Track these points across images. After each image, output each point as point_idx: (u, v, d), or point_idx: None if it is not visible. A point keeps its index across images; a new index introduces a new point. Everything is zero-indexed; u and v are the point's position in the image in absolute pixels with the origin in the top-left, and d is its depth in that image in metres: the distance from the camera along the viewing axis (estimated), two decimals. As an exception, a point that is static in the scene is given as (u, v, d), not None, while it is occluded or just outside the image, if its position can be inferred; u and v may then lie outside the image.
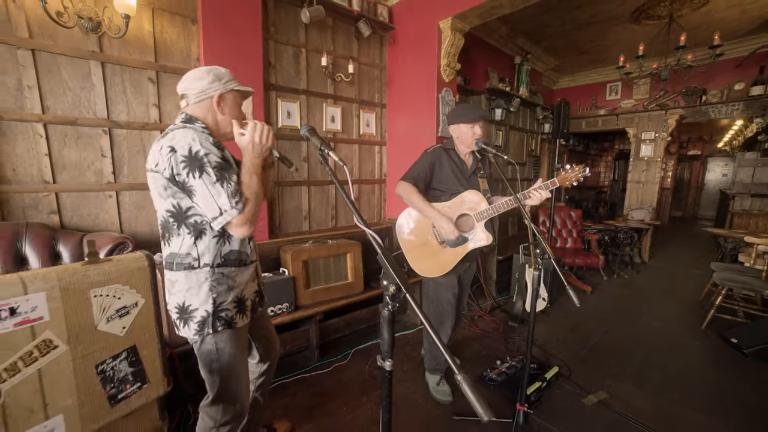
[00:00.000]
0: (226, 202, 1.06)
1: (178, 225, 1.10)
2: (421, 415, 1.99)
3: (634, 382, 2.30)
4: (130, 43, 2.04)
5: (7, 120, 1.74)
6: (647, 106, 5.01)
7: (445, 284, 1.98)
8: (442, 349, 0.74)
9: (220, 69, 1.20)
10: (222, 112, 1.19)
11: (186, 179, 1.04)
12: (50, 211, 1.89)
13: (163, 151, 1.05)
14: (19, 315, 0.55)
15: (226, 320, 1.16)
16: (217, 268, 1.14)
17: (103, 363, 0.67)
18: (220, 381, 1.19)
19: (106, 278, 0.66)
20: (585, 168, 1.75)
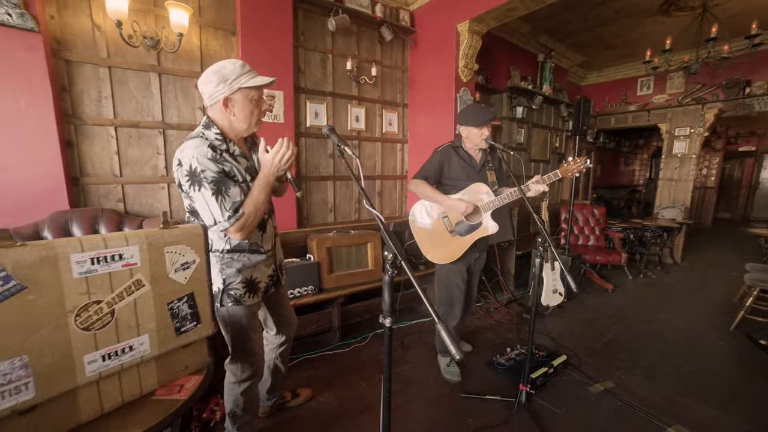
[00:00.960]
0: (219, 215, 1.16)
1: (194, 219, 1.27)
2: (431, 393, 2.15)
3: (644, 375, 2.33)
4: (181, 56, 2.36)
5: (89, 125, 2.11)
6: (682, 100, 4.82)
7: (455, 271, 2.13)
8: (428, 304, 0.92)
9: (227, 67, 1.20)
10: (232, 113, 1.23)
11: (188, 191, 1.17)
12: (118, 199, 2.25)
13: (175, 161, 1.19)
14: (124, 259, 0.80)
15: (234, 297, 1.32)
16: (227, 253, 1.29)
17: (172, 302, 0.91)
18: (235, 346, 1.42)
19: (175, 239, 0.90)
20: (586, 160, 1.85)
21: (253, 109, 1.25)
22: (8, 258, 0.64)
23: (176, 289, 0.91)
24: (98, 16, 2.06)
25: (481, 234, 2.04)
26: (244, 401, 1.48)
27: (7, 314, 0.64)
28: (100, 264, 0.75)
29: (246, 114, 1.24)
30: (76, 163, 2.10)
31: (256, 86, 1.23)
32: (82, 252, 0.72)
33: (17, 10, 1.74)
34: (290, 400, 1.96)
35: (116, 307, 0.79)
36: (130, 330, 0.83)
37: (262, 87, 1.26)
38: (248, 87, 1.21)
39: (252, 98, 1.24)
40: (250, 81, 1.21)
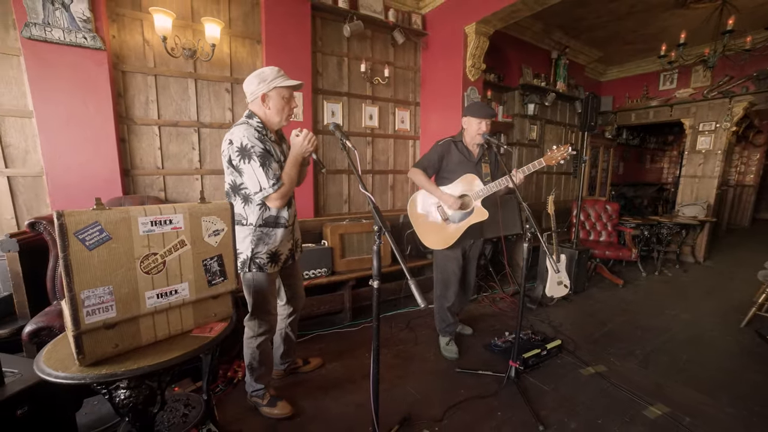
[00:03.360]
0: (265, 183, 1.46)
1: (234, 194, 1.56)
2: (430, 368, 2.36)
3: (639, 363, 2.41)
4: (213, 63, 2.69)
5: (138, 125, 2.49)
6: (707, 94, 4.68)
7: (450, 256, 2.33)
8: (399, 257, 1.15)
9: (266, 71, 1.52)
10: (267, 107, 1.54)
11: (238, 164, 1.46)
12: (159, 189, 2.62)
13: (225, 142, 1.48)
14: (172, 224, 1.08)
15: (258, 265, 1.61)
16: (258, 227, 1.57)
17: (206, 260, 1.19)
18: (255, 303, 1.71)
19: (209, 211, 1.17)
20: (569, 147, 2.03)
21: (284, 105, 1.56)
22: (102, 217, 0.93)
23: (209, 250, 1.19)
24: (148, 32, 2.43)
25: (472, 221, 2.23)
26: (260, 354, 1.77)
27: (101, 256, 0.93)
28: (156, 226, 1.04)
29: (278, 108, 1.55)
30: (127, 158, 2.48)
31: (288, 86, 1.54)
32: (145, 216, 1.01)
33: (91, 33, 2.12)
34: (302, 366, 2.21)
35: (167, 259, 1.08)
36: (175, 278, 1.11)
37: (292, 87, 1.57)
38: (281, 86, 1.52)
39: (284, 96, 1.55)
40: (284, 82, 1.52)
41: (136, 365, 0.99)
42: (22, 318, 1.81)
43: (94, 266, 0.92)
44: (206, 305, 1.24)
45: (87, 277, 0.91)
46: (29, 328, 1.56)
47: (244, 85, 1.56)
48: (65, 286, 0.88)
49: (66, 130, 2.13)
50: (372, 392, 1.38)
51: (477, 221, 2.24)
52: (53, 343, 1.11)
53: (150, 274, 1.04)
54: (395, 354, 2.51)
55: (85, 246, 0.90)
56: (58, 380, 0.92)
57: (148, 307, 1.05)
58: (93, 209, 0.94)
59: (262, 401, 1.83)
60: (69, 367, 0.95)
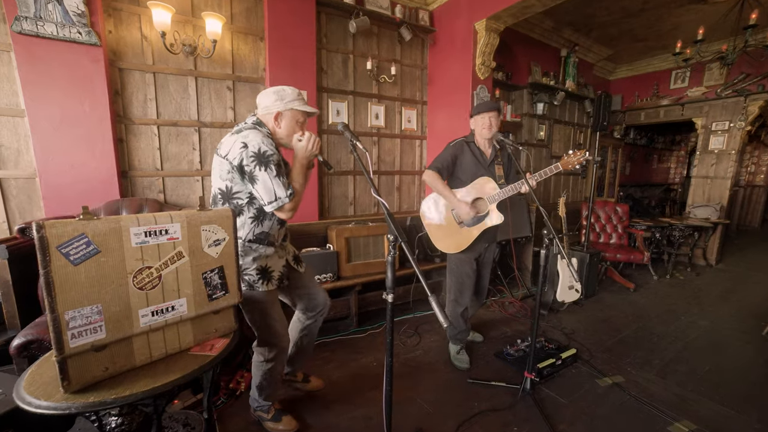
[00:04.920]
0: (282, 192, 1.37)
1: (222, 202, 1.43)
2: (440, 378, 2.26)
3: (657, 372, 2.31)
4: (215, 60, 2.59)
5: (137, 124, 2.40)
6: (721, 92, 4.56)
7: (465, 261, 2.25)
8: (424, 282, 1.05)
9: (287, 89, 1.48)
10: (278, 126, 1.48)
11: (252, 170, 1.33)
12: (159, 190, 2.52)
13: (236, 145, 1.34)
14: (169, 234, 0.98)
15: (248, 283, 1.46)
16: (247, 243, 1.45)
17: (205, 273, 1.09)
18: (258, 329, 1.60)
19: (209, 219, 1.08)
20: (586, 152, 1.97)
21: (295, 128, 1.51)
22: (89, 228, 0.83)
23: (209, 261, 1.09)
24: (146, 28, 2.33)
25: (487, 225, 2.15)
26: (271, 376, 1.68)
27: (89, 271, 0.84)
28: (151, 237, 0.94)
29: (289, 131, 1.50)
30: (125, 159, 2.38)
31: (304, 111, 1.50)
32: (138, 226, 0.91)
33: (86, 29, 2.02)
34: (300, 382, 2.04)
35: (163, 273, 0.98)
36: (172, 293, 1.01)
37: (308, 114, 1.53)
38: (298, 110, 1.48)
39: (298, 120, 1.51)
40: (301, 106, 1.49)
41: (128, 391, 0.89)
42: (12, 329, 1.71)
43: (80, 283, 0.82)
44: (206, 321, 1.14)
45: (72, 296, 0.81)
46: (18, 341, 1.46)
47: (259, 97, 1.50)
48: (47, 306, 0.78)
49: (60, 129, 2.04)
50: (385, 413, 1.28)
51: (492, 225, 2.16)
52: (38, 363, 1.01)
53: (144, 289, 0.94)
54: (403, 362, 2.41)
55: (70, 261, 0.80)
56: (40, 410, 0.82)
57: (142, 326, 0.95)
58: (79, 219, 0.83)
59: (267, 416, 1.74)
60: (53, 395, 0.86)
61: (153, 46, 2.36)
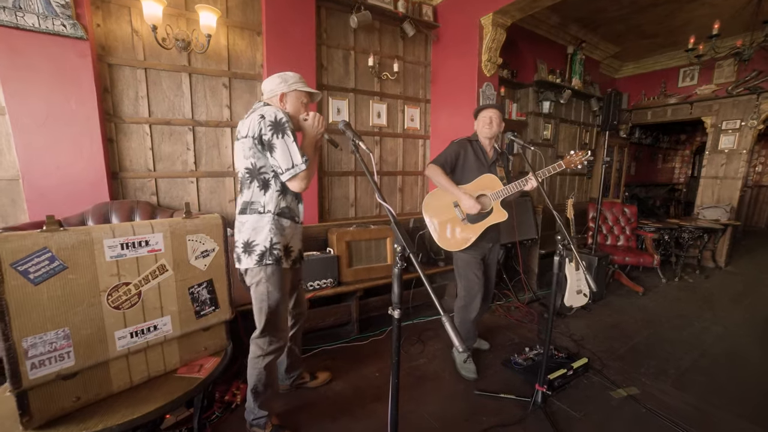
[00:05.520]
0: (298, 158, 1.42)
1: (251, 180, 1.47)
2: (446, 389, 2.15)
3: (673, 383, 2.21)
4: (209, 56, 2.48)
5: (128, 123, 2.29)
6: (732, 90, 4.42)
7: (471, 262, 2.17)
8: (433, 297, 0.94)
9: (288, 73, 1.55)
10: (284, 107, 1.55)
11: (271, 138, 1.40)
12: (151, 192, 2.41)
13: (254, 119, 1.43)
14: (149, 245, 0.88)
15: (276, 257, 1.48)
16: (277, 216, 1.49)
17: (192, 287, 0.98)
18: (268, 315, 1.52)
19: (196, 228, 0.97)
20: (588, 152, 1.96)
21: (300, 109, 1.57)
22: (53, 241, 0.72)
23: (196, 275, 0.99)
24: (137, 21, 2.22)
25: (491, 221, 2.10)
26: (266, 376, 1.57)
27: (53, 290, 0.73)
28: (128, 249, 0.83)
29: (295, 110, 1.56)
30: (115, 159, 2.27)
31: (307, 91, 1.58)
32: (113, 237, 0.80)
33: (70, 21, 1.91)
34: (309, 381, 2.07)
35: (143, 289, 0.87)
36: (154, 311, 0.90)
37: (310, 95, 1.60)
38: (301, 90, 1.56)
39: (302, 101, 1.57)
40: (304, 87, 1.56)
41: (101, 424, 0.78)
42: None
43: (42, 305, 0.71)
44: (194, 339, 1.03)
45: (32, 320, 0.70)
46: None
47: (264, 84, 1.57)
48: (0, 334, 0.67)
49: (44, 128, 1.93)
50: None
51: (496, 222, 2.12)
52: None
53: (121, 309, 0.83)
54: (407, 372, 2.30)
55: (29, 280, 0.69)
56: (-4, 453, 0.71)
57: (119, 349, 0.85)
58: (41, 231, 0.72)
59: (264, 431, 1.62)
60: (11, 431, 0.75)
61: (144, 40, 2.25)
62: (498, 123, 2.10)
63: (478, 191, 2.10)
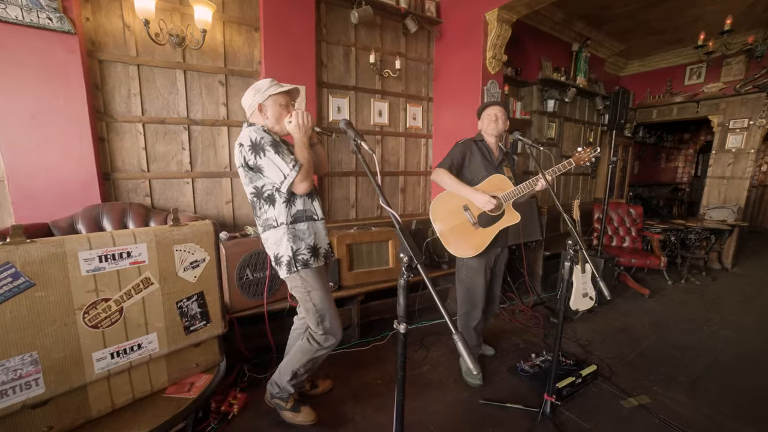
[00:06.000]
0: (286, 168, 1.41)
1: (258, 199, 1.51)
2: (451, 397, 2.08)
3: (686, 392, 2.13)
4: (205, 52, 2.39)
5: (120, 122, 2.20)
6: (740, 88, 4.32)
7: (476, 269, 2.08)
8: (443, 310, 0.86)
9: (260, 82, 1.54)
10: (265, 117, 1.54)
11: (255, 161, 1.42)
12: (145, 194, 2.33)
13: (236, 150, 1.47)
14: (132, 257, 0.80)
15: (303, 262, 1.53)
16: (290, 225, 1.51)
17: (181, 301, 0.90)
18: (318, 314, 1.56)
19: (184, 237, 0.89)
20: (596, 149, 1.93)
21: (281, 111, 1.54)
22: (17, 255, 0.64)
23: (185, 287, 0.90)
24: (128, 16, 2.13)
25: (504, 224, 2.02)
26: (313, 365, 1.68)
27: (18, 310, 0.64)
28: (108, 262, 0.75)
29: (276, 116, 1.54)
30: (107, 159, 2.19)
31: (281, 92, 1.53)
32: (90, 249, 0.72)
33: (56, 14, 1.81)
34: (309, 390, 2.01)
35: (124, 305, 0.79)
36: (138, 328, 0.82)
37: (287, 93, 1.56)
38: (275, 93, 1.52)
39: (280, 103, 1.54)
40: (277, 89, 1.52)
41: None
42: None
43: (4, 327, 0.63)
44: (184, 356, 0.96)
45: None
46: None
47: (242, 101, 1.57)
48: (-45, 363, 0.58)
49: (31, 126, 1.84)
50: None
51: (508, 225, 2.04)
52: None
53: (100, 327, 0.75)
54: (411, 380, 2.23)
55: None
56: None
57: (98, 371, 0.76)
58: (4, 244, 0.64)
59: (286, 405, 1.71)
60: (-23, 469, 0.67)
61: (136, 36, 2.16)
62: (503, 120, 2.04)
63: (488, 192, 2.01)
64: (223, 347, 1.10)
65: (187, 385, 0.95)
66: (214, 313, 1.00)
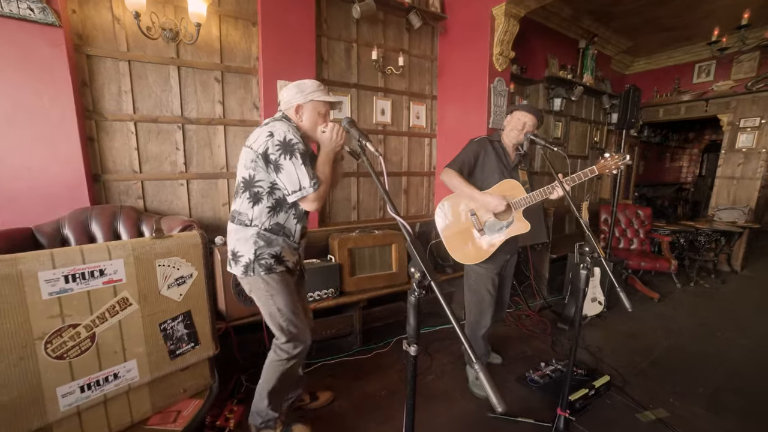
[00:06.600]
0: (306, 181, 1.35)
1: (244, 189, 1.40)
2: (457, 410, 1.98)
3: (705, 405, 2.03)
4: (200, 47, 2.29)
5: (110, 120, 2.09)
6: (752, 86, 4.20)
7: (485, 275, 1.99)
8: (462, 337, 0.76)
9: (307, 82, 1.46)
10: (300, 119, 1.46)
11: (278, 158, 1.33)
12: (137, 196, 2.22)
13: (263, 133, 1.36)
14: (106, 275, 0.69)
15: (265, 266, 1.40)
16: (265, 231, 1.41)
17: (165, 322, 0.80)
18: (285, 321, 1.43)
19: (168, 251, 0.79)
20: (626, 156, 1.72)
21: (318, 120, 1.46)
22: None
23: (170, 307, 0.80)
24: (118, 8, 2.02)
25: (512, 233, 1.90)
26: (288, 377, 1.53)
27: (-42, 346, 0.54)
28: (76, 282, 0.64)
29: (312, 123, 1.46)
30: (97, 160, 2.08)
31: (325, 101, 1.46)
32: (53, 269, 0.61)
33: (39, 5, 1.70)
34: (309, 402, 1.91)
35: (97, 330, 0.68)
36: (114, 356, 0.72)
37: (330, 104, 1.49)
38: (318, 100, 1.44)
39: (319, 112, 1.47)
40: (322, 96, 1.45)
41: None
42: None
43: (-57, 368, 0.52)
44: (170, 381, 0.85)
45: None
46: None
47: (282, 92, 1.49)
48: None
49: (12, 126, 1.73)
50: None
51: (516, 234, 1.91)
52: None
53: (66, 358, 0.65)
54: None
55: None
56: None
57: (64, 409, 0.66)
58: (-57, 266, 0.53)
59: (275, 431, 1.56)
60: None
61: (127, 29, 2.05)
62: (531, 132, 1.89)
63: None
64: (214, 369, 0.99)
65: (173, 414, 0.85)
66: (204, 333, 0.89)
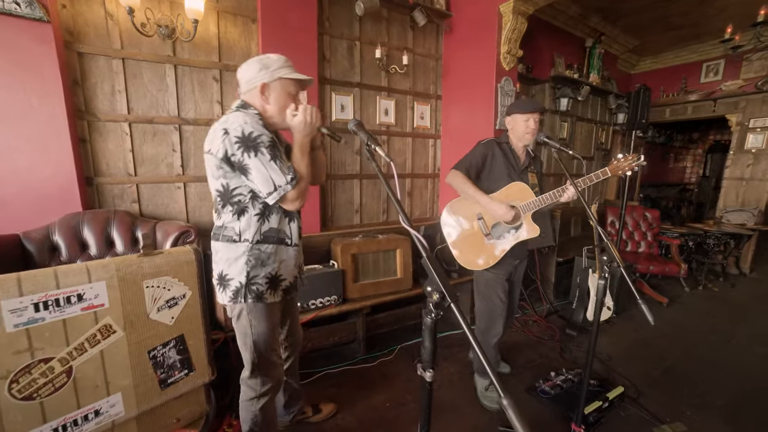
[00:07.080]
0: (281, 179, 1.15)
1: (223, 204, 1.21)
2: (466, 423, 1.90)
3: (724, 418, 1.94)
4: (197, 45, 2.20)
5: (103, 121, 2.00)
6: (762, 85, 4.11)
7: (495, 282, 1.92)
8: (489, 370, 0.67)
9: (271, 57, 1.23)
10: (266, 101, 1.23)
11: (241, 158, 1.12)
12: (132, 200, 2.14)
13: (216, 133, 1.13)
14: (85, 301, 0.60)
15: (256, 294, 1.22)
16: (256, 244, 1.21)
17: (155, 349, 0.72)
18: (256, 353, 1.26)
19: (157, 270, 0.70)
20: (640, 156, 1.66)
21: (287, 102, 1.24)
22: None
23: (160, 332, 0.71)
24: (111, 3, 1.92)
25: (520, 238, 1.84)
26: (263, 418, 1.35)
27: None
28: (48, 310, 0.56)
29: (280, 105, 1.23)
30: (90, 162, 1.99)
31: (296, 79, 1.24)
32: (19, 296, 0.52)
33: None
34: (312, 415, 1.84)
35: (74, 363, 0.60)
36: (95, 390, 0.63)
37: (300, 82, 1.27)
38: (288, 78, 1.22)
39: (289, 92, 1.24)
40: (291, 74, 1.23)
41: None
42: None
43: None
44: (162, 412, 0.77)
45: None
46: None
47: (239, 71, 1.24)
48: None
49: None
50: None
51: (525, 239, 1.86)
52: None
53: (36, 398, 0.56)
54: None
55: None
56: None
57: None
58: None
59: None
60: None
61: (121, 26, 1.96)
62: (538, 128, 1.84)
63: (506, 202, 1.83)
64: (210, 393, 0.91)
65: (165, 449, 0.77)
66: (199, 358, 0.81)
